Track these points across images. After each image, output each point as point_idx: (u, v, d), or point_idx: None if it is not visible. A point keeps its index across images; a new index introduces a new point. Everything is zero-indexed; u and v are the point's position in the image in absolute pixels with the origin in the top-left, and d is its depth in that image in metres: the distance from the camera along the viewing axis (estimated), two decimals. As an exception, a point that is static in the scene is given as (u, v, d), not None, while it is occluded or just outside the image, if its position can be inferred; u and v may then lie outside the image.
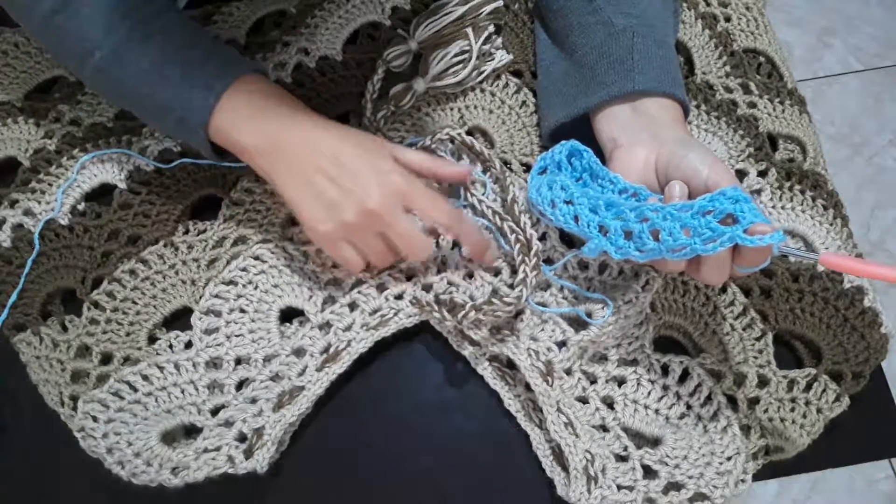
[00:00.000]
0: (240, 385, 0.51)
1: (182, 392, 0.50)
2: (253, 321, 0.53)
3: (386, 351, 0.53)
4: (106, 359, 0.52)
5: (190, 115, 0.49)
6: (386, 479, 0.51)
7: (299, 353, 0.52)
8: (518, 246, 0.52)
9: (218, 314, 0.53)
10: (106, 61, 0.49)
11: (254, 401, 0.50)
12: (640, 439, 0.50)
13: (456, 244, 0.55)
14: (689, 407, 0.51)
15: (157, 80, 0.49)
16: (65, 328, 0.53)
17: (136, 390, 0.50)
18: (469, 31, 0.61)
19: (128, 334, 0.53)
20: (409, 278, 0.54)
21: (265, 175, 0.51)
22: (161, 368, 0.51)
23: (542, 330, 0.52)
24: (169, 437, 0.49)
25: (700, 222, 0.41)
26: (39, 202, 0.57)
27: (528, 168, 0.59)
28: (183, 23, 0.51)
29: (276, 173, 0.49)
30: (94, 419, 0.49)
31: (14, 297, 0.54)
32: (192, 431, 0.50)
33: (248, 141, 0.49)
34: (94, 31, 0.48)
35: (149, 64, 0.49)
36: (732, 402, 0.50)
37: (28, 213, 0.57)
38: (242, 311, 0.53)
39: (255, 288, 0.53)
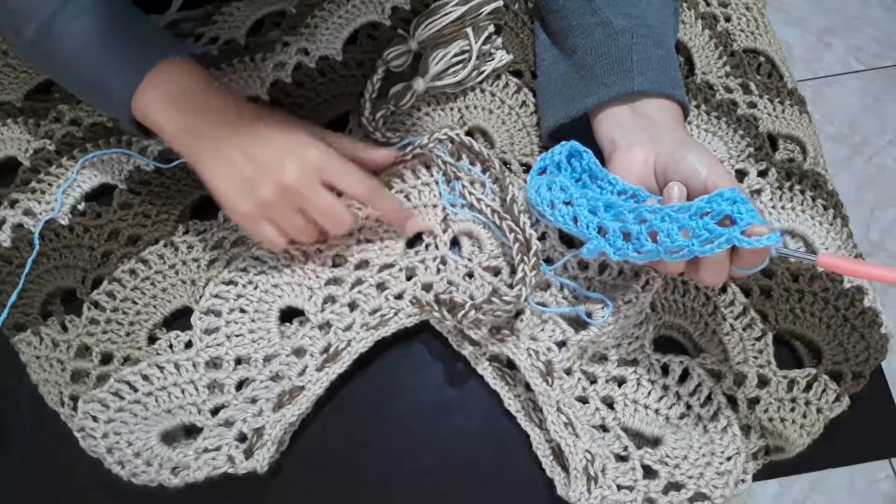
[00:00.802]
0: (240, 385, 0.51)
1: (182, 392, 0.50)
2: (253, 321, 0.53)
3: (386, 351, 0.53)
4: (106, 359, 0.52)
5: (113, 93, 0.50)
6: (386, 479, 0.51)
7: (299, 352, 0.52)
8: (517, 245, 0.52)
9: (218, 314, 0.53)
10: (38, 35, 0.49)
11: (254, 401, 0.50)
12: (640, 439, 0.50)
13: (455, 243, 0.55)
14: (689, 407, 0.51)
15: (85, 56, 0.49)
16: (65, 328, 0.53)
17: (136, 390, 0.50)
18: (469, 31, 0.61)
19: (128, 334, 0.53)
20: (408, 278, 0.54)
21: (187, 156, 0.51)
22: (161, 368, 0.51)
23: (542, 330, 0.52)
24: (169, 437, 0.49)
25: (697, 224, 0.41)
26: (39, 202, 0.57)
27: (527, 168, 0.59)
28: (116, 1, 0.51)
29: (195, 154, 0.50)
30: (94, 419, 0.49)
31: (14, 296, 0.54)
32: (192, 431, 0.50)
33: (169, 122, 0.50)
34: (26, 5, 0.48)
35: (78, 40, 0.49)
36: (732, 402, 0.50)
37: (28, 213, 0.57)
38: (242, 310, 0.53)
39: (256, 288, 0.53)
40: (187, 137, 0.50)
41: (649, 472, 0.48)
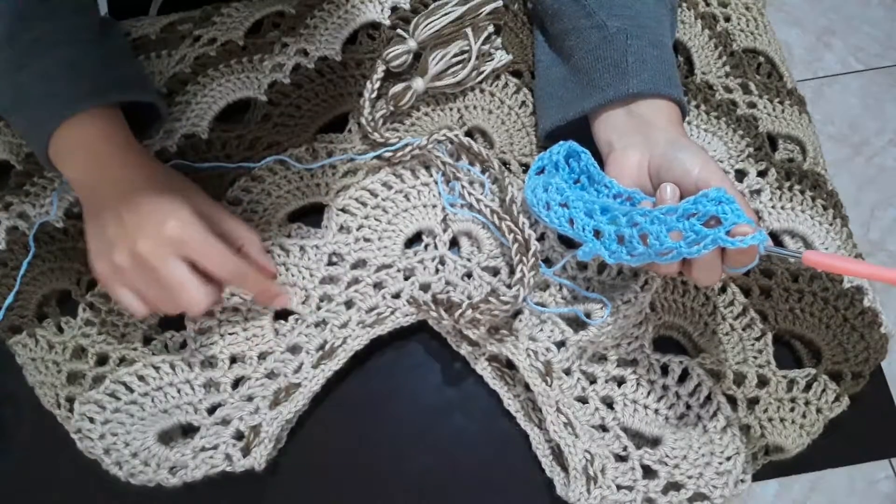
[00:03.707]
0: (236, 383, 0.51)
1: (178, 392, 0.50)
2: (247, 320, 0.53)
3: (386, 351, 0.53)
4: (102, 360, 0.52)
5: (35, 147, 0.52)
6: (385, 479, 0.51)
7: (295, 350, 0.52)
8: (516, 246, 0.52)
9: (211, 314, 0.53)
10: None
11: (250, 398, 0.50)
12: (640, 439, 0.50)
13: (454, 244, 0.55)
14: (688, 407, 0.50)
15: (16, 110, 0.52)
16: (60, 329, 0.53)
17: (132, 391, 0.50)
18: (469, 31, 0.61)
19: (123, 335, 0.53)
20: (406, 278, 0.54)
21: (82, 203, 0.52)
22: (157, 368, 0.51)
23: (541, 330, 0.52)
24: (166, 437, 0.49)
25: (685, 225, 0.41)
26: (34, 205, 0.57)
27: (527, 168, 0.59)
28: (49, 50, 0.51)
29: (85, 205, 0.51)
30: (91, 420, 0.49)
31: (10, 298, 0.54)
32: (189, 431, 0.50)
33: (71, 174, 0.51)
34: None
35: (12, 95, 0.51)
36: (732, 401, 0.50)
37: (22, 216, 0.57)
38: (236, 310, 0.53)
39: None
40: (81, 188, 0.52)
41: (649, 472, 0.48)
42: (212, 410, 0.50)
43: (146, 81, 0.59)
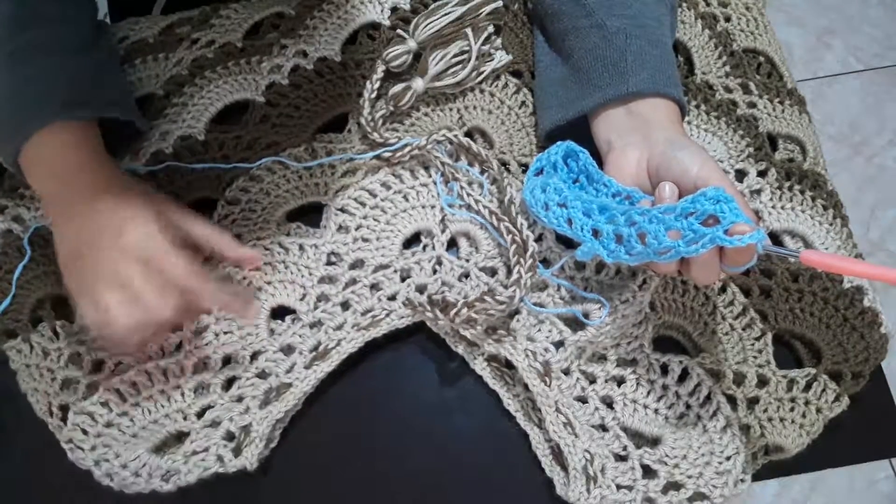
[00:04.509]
0: (227, 385, 0.51)
1: (168, 399, 0.50)
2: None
3: (386, 351, 0.53)
4: (97, 366, 0.52)
5: (4, 155, 0.52)
6: (386, 479, 0.51)
7: (288, 350, 0.52)
8: (514, 247, 0.52)
9: (208, 311, 0.52)
10: None
11: (240, 399, 0.50)
12: (640, 439, 0.50)
13: (452, 244, 0.55)
14: (688, 406, 0.50)
15: None
16: (56, 334, 0.52)
17: (124, 400, 0.50)
18: (469, 31, 0.61)
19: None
20: (403, 279, 0.54)
21: (49, 216, 0.53)
22: (149, 375, 0.50)
23: (539, 330, 0.52)
24: (158, 446, 0.49)
25: (683, 224, 0.42)
26: (29, 208, 0.57)
27: (526, 169, 0.59)
28: (34, 58, 0.51)
29: (51, 217, 0.52)
30: (84, 432, 0.49)
31: (7, 302, 0.53)
32: (179, 435, 0.50)
33: (37, 189, 0.52)
34: None
35: None
36: (732, 401, 0.50)
37: (17, 219, 0.57)
38: None
39: (249, 284, 0.53)
40: (45, 198, 0.53)
41: (648, 472, 0.48)
42: (201, 413, 0.50)
43: (125, 97, 0.58)
